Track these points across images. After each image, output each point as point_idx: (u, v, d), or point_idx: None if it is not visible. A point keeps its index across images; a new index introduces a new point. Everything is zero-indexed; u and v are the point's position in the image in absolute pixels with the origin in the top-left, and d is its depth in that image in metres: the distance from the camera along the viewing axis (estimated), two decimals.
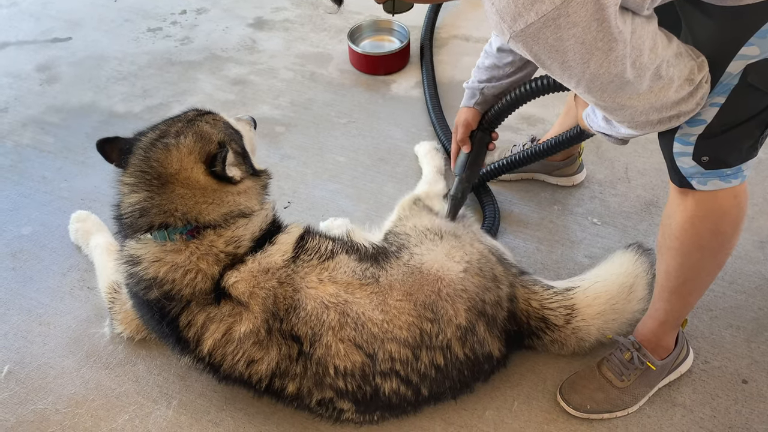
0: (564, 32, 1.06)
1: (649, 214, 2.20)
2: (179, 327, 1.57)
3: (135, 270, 1.58)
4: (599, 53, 1.09)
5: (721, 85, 1.24)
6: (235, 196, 1.63)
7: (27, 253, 2.18)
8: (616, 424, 1.69)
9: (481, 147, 1.94)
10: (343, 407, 1.62)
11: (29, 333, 1.95)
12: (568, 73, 1.14)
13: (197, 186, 1.58)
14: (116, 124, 2.64)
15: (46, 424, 1.74)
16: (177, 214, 1.57)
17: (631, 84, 1.16)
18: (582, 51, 1.09)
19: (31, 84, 2.92)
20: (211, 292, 1.55)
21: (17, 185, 2.43)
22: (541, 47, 1.09)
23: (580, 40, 1.07)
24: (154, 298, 1.55)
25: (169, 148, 1.59)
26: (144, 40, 3.18)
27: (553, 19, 1.05)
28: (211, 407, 1.77)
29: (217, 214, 1.59)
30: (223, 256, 1.57)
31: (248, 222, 1.63)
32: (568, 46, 1.08)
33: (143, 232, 1.58)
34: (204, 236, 1.57)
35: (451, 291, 1.62)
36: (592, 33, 1.06)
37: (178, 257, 1.55)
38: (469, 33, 3.08)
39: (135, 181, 1.59)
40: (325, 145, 2.55)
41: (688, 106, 1.23)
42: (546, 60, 1.13)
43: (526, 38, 1.08)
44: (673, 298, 1.57)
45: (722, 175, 1.34)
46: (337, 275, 1.61)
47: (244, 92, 2.82)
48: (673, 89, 1.19)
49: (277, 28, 3.21)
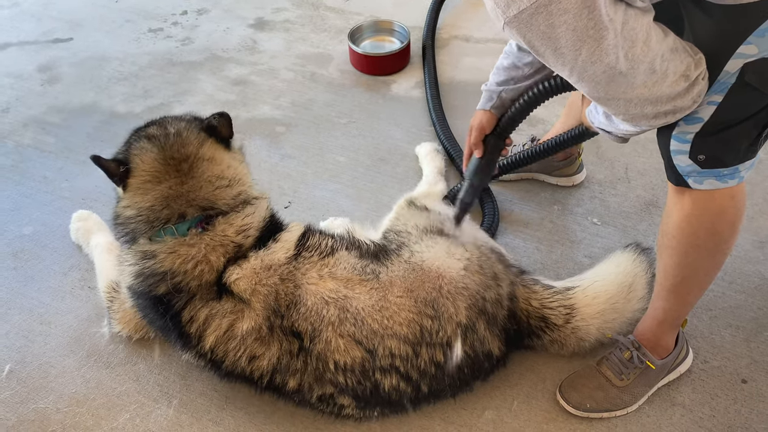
0: (555, 19, 1.09)
1: (649, 214, 2.21)
2: (182, 322, 1.58)
3: (148, 264, 1.59)
4: (590, 41, 1.11)
5: (718, 84, 1.24)
6: (239, 164, 1.71)
7: (28, 252, 2.19)
8: (616, 423, 1.69)
9: (494, 153, 1.88)
10: (344, 403, 1.62)
11: (30, 332, 1.96)
12: (561, 60, 1.16)
13: (214, 160, 1.65)
14: (117, 124, 2.64)
15: (47, 423, 1.75)
16: (197, 201, 1.61)
17: (623, 75, 1.17)
18: (573, 38, 1.11)
19: (33, 84, 2.93)
20: (214, 285, 1.57)
21: (18, 185, 2.44)
22: (534, 34, 1.12)
23: (571, 27, 1.10)
24: (163, 292, 1.57)
25: (181, 133, 1.65)
26: (145, 40, 3.18)
27: (545, 5, 1.07)
28: (212, 406, 1.77)
29: (229, 196, 1.64)
30: (232, 247, 1.60)
31: (254, 211, 1.67)
32: (560, 33, 1.11)
33: (161, 226, 1.59)
34: (216, 225, 1.60)
35: (452, 288, 1.62)
36: (583, 20, 1.09)
37: (192, 249, 1.57)
38: (470, 34, 3.08)
39: (158, 171, 1.62)
40: (325, 145, 2.55)
41: (684, 102, 1.24)
42: (540, 47, 1.15)
43: (519, 24, 1.11)
44: (671, 297, 1.57)
45: (719, 175, 1.34)
46: (336, 271, 1.61)
47: (245, 92, 2.83)
48: (667, 83, 1.20)
49: (277, 29, 3.21)
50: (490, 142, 1.87)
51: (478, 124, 1.86)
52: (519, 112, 1.78)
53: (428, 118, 2.61)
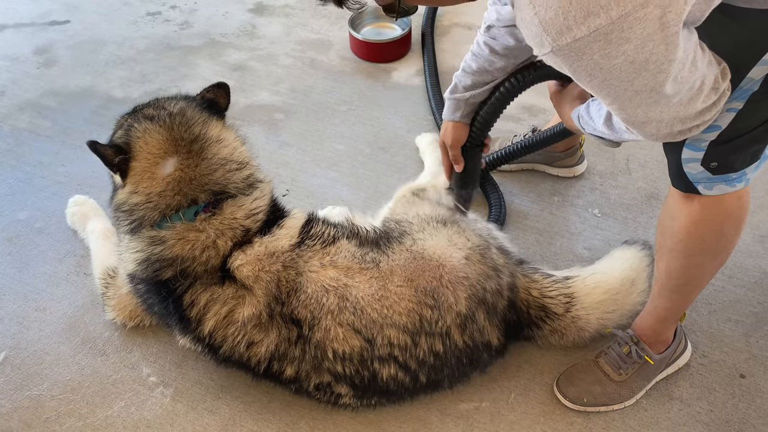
0: (614, 49, 0.97)
1: (650, 207, 2.19)
2: (182, 306, 1.57)
3: (157, 250, 1.56)
4: (647, 74, 1.01)
5: (740, 91, 1.18)
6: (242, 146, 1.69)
7: (23, 238, 2.17)
8: (613, 417, 1.68)
9: (475, 160, 1.86)
10: (341, 392, 1.61)
11: (25, 319, 1.94)
12: (606, 91, 1.07)
13: (222, 141, 1.62)
14: (114, 108, 2.60)
15: (42, 410, 1.74)
16: (209, 186, 1.58)
17: (666, 98, 1.08)
18: (629, 70, 1.00)
19: (29, 67, 2.90)
20: (218, 271, 1.55)
21: (14, 170, 2.41)
22: (584, 63, 1.00)
23: (629, 59, 0.98)
24: (168, 277, 1.55)
25: (184, 112, 1.62)
26: (143, 24, 3.14)
27: (605, 35, 0.95)
28: (208, 395, 1.76)
29: (239, 179, 1.62)
30: (240, 231, 1.58)
31: (262, 194, 1.65)
32: (615, 64, 0.99)
33: (171, 213, 1.56)
34: (224, 209, 1.58)
35: (453, 278, 1.61)
36: (644, 53, 0.97)
37: (201, 235, 1.55)
38: (472, 21, 3.05)
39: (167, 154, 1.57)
40: (324, 133, 2.53)
41: (710, 114, 1.17)
42: (585, 76, 1.04)
43: (570, 53, 0.99)
44: (674, 297, 1.56)
45: (728, 180, 1.30)
46: (338, 259, 1.60)
47: (244, 78, 2.80)
48: (701, 99, 1.13)
49: (277, 14, 3.17)
50: (468, 152, 1.83)
51: (453, 141, 1.80)
52: (491, 112, 1.74)
53: (429, 107, 2.58)
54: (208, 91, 1.69)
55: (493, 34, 1.66)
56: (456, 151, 1.81)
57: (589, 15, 0.93)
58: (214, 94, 1.69)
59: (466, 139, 1.81)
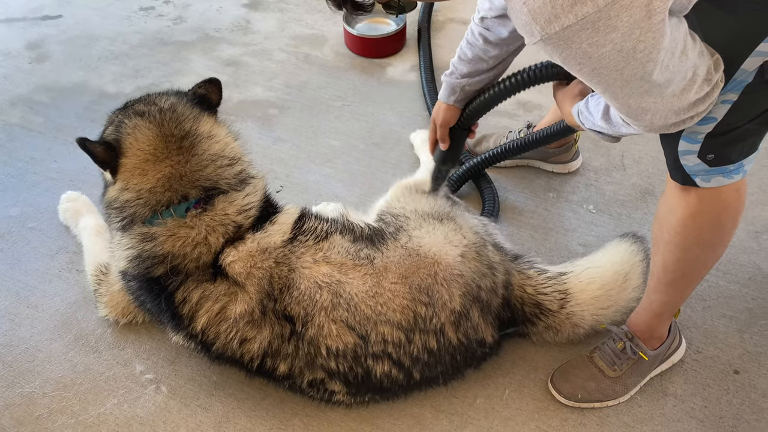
0: (601, 37, 0.98)
1: (645, 203, 2.19)
2: (174, 303, 1.56)
3: (148, 247, 1.55)
4: (636, 63, 1.02)
5: (734, 82, 1.18)
6: (234, 142, 1.68)
7: (15, 234, 2.16)
8: (607, 413, 1.68)
9: (460, 141, 1.91)
10: (335, 389, 1.61)
11: (17, 316, 1.93)
12: (597, 79, 1.08)
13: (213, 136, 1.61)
14: (107, 104, 2.58)
15: (34, 407, 1.73)
16: (200, 182, 1.56)
17: (658, 87, 1.09)
18: (618, 59, 1.02)
19: (20, 62, 2.87)
20: (210, 267, 1.54)
21: (5, 165, 2.39)
22: (573, 52, 1.02)
23: (617, 48, 1.00)
24: (159, 274, 1.55)
25: (175, 107, 1.60)
26: (136, 19, 3.12)
27: (592, 23, 0.96)
28: (201, 392, 1.75)
29: (231, 175, 1.61)
30: (232, 227, 1.57)
31: (255, 190, 1.64)
32: (603, 53, 1.01)
33: (162, 209, 1.55)
34: (215, 205, 1.57)
35: (448, 275, 1.60)
36: (631, 41, 0.99)
37: (192, 231, 1.54)
38: (467, 16, 3.01)
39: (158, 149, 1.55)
40: (318, 129, 2.52)
41: (704, 106, 1.18)
42: (575, 65, 1.06)
43: (559, 41, 1.01)
44: (670, 291, 1.56)
45: (725, 172, 1.31)
46: (331, 255, 1.59)
47: (237, 73, 2.78)
48: (694, 90, 1.14)
49: (271, 9, 3.15)
50: (455, 134, 1.88)
51: (443, 121, 1.84)
52: (485, 105, 1.78)
53: (423, 103, 2.57)
54: (199, 87, 1.67)
55: (486, 25, 1.68)
56: (444, 130, 1.86)
57: (576, 3, 0.95)
58: (206, 90, 1.67)
59: (455, 121, 1.84)
